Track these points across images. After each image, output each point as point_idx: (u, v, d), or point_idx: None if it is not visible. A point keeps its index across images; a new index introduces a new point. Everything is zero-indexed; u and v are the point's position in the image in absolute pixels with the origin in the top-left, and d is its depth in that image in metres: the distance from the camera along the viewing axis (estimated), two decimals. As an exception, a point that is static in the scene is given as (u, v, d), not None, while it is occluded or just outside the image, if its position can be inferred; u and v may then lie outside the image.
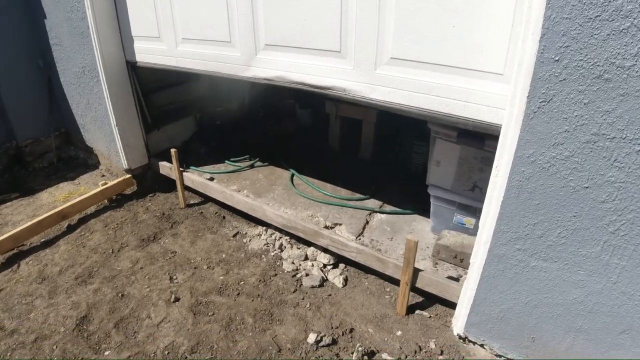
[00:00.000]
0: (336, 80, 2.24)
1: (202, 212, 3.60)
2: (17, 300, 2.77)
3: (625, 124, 1.43)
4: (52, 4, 3.60)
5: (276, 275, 2.94)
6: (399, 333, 2.56)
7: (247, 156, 3.88)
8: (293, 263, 3.03)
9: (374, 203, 3.26)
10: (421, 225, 3.06)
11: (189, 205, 3.69)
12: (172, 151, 3.36)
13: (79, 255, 3.14)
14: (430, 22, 1.81)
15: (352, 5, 2.02)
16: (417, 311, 2.65)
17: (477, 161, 2.51)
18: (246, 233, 3.36)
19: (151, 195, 3.83)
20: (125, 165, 3.71)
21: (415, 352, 2.38)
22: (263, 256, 3.11)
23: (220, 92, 4.48)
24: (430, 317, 2.64)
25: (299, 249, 3.13)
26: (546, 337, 1.99)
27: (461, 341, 2.41)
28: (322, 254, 3.00)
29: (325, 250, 2.98)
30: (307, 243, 3.11)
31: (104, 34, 3.27)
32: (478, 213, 2.66)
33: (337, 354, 2.39)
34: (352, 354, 2.36)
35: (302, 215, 3.14)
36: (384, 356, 2.36)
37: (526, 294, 1.98)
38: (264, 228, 3.32)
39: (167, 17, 2.95)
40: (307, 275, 2.93)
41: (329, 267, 2.98)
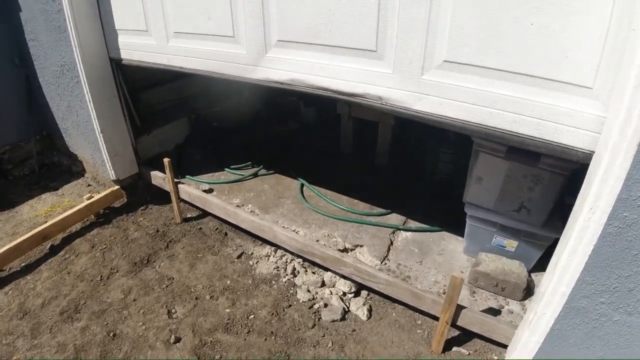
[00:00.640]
0: (370, 87, 1.84)
1: (201, 228, 3.20)
2: (-7, 341, 2.38)
3: None
4: (26, -7, 3.13)
5: (290, 306, 2.57)
6: (436, 376, 2.23)
7: (250, 163, 3.48)
8: (309, 291, 2.66)
9: (396, 219, 2.89)
10: (452, 245, 2.71)
11: (186, 220, 3.29)
12: (165, 161, 2.95)
13: (63, 284, 2.73)
14: (500, 17, 1.42)
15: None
16: (455, 348, 2.31)
17: (527, 179, 2.14)
18: (252, 253, 2.97)
19: (143, 208, 3.41)
20: (112, 175, 3.29)
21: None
22: (273, 282, 2.74)
23: (217, 89, 4.05)
24: (469, 354, 2.31)
25: (314, 273, 2.76)
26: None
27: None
28: (342, 279, 2.64)
29: (345, 276, 2.61)
30: (323, 266, 2.74)
31: (84, 27, 2.81)
32: (522, 235, 2.33)
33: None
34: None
35: (317, 235, 2.76)
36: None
37: (601, 348, 1.65)
38: (272, 248, 2.94)
39: (155, 7, 2.49)
40: (325, 305, 2.57)
41: (349, 296, 2.62)
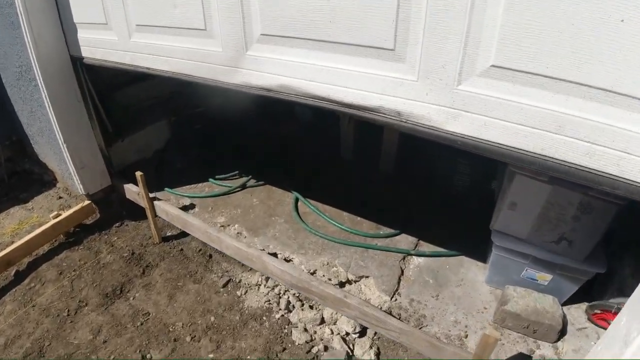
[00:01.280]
0: (385, 99, 1.42)
1: (182, 250, 2.81)
2: None
3: None
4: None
5: (284, 350, 2.20)
6: None
7: (237, 172, 3.08)
8: (306, 330, 2.28)
9: (407, 241, 2.50)
10: (472, 273, 2.33)
11: (166, 239, 2.89)
12: (138, 175, 2.54)
13: (27, 320, 2.34)
14: (577, 10, 1.00)
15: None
16: (479, 403, 1.95)
17: (572, 208, 1.75)
18: (240, 281, 2.59)
19: (118, 224, 3.01)
20: (81, 190, 2.88)
21: None
22: (265, 319, 2.36)
23: (199, 87, 3.61)
24: (496, 409, 1.95)
25: (312, 308, 2.38)
26: None
27: None
28: (344, 317, 2.26)
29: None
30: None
31: (39, 22, 2.36)
32: (558, 269, 1.95)
33: None
34: None
35: (314, 263, 2.38)
36: None
37: None
38: (263, 276, 2.55)
39: (114, -7, 2.06)
40: (326, 349, 2.20)
41: (354, 336, 2.25)
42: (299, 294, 2.43)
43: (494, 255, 2.08)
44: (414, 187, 2.94)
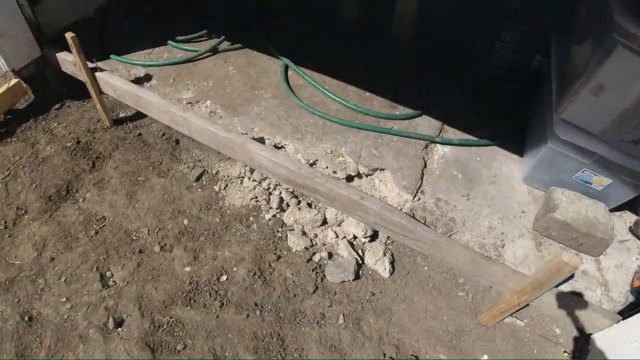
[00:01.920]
0: None
1: (140, 135, 2.20)
2: None
3: None
4: None
5: (280, 259, 1.80)
6: (484, 358, 1.62)
7: (205, 32, 2.30)
8: (304, 234, 1.86)
9: (429, 125, 1.97)
10: (506, 168, 1.88)
11: (119, 122, 2.25)
12: (68, 37, 1.78)
13: (-50, 238, 1.82)
14: None
15: None
16: (507, 319, 1.67)
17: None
18: (217, 173, 2.07)
19: (57, 107, 2.29)
20: (3, 66, 2.10)
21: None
22: (252, 220, 1.91)
23: None
24: (525, 324, 1.69)
25: (310, 206, 1.93)
26: None
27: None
28: (351, 217, 1.83)
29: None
30: (323, 196, 1.90)
31: None
32: (623, 173, 1.51)
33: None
34: None
35: (315, 151, 1.85)
36: None
37: None
38: (247, 166, 2.03)
39: None
40: (330, 256, 1.81)
41: (363, 240, 1.85)
42: (294, 189, 1.95)
43: (548, 149, 1.59)
44: (438, 58, 2.28)
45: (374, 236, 1.85)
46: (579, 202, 1.61)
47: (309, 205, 1.92)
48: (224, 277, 1.73)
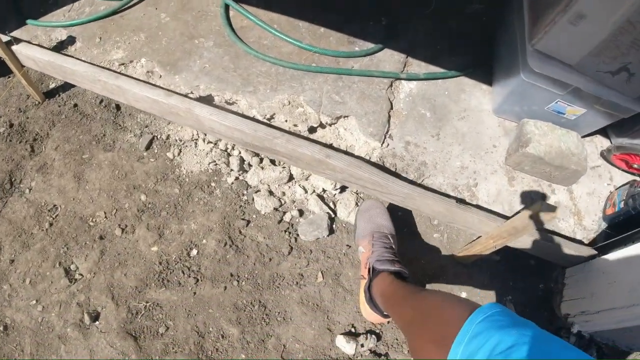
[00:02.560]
0: None
1: (76, 105, 1.96)
2: None
3: None
4: None
5: (249, 224, 1.72)
6: (463, 295, 1.66)
7: (125, -30, 1.97)
8: (271, 193, 1.77)
9: (392, 60, 1.80)
10: (475, 100, 1.76)
11: (50, 94, 1.98)
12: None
13: None
14: None
15: None
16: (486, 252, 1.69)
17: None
18: (169, 137, 1.90)
19: None
20: None
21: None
22: (214, 185, 1.79)
23: None
24: (500, 259, 1.72)
25: (274, 163, 1.81)
26: None
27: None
28: (319, 171, 1.74)
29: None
30: (286, 151, 1.78)
31: None
32: (598, 103, 1.44)
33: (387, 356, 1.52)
34: None
35: (270, 105, 1.69)
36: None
37: None
38: (201, 127, 1.86)
39: None
40: (301, 214, 1.75)
41: (333, 192, 1.78)
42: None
43: (520, 82, 1.47)
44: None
45: (344, 187, 1.78)
46: (552, 133, 1.55)
47: (272, 162, 1.81)
48: (195, 252, 1.66)
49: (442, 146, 1.65)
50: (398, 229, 1.68)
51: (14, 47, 1.70)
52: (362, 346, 1.51)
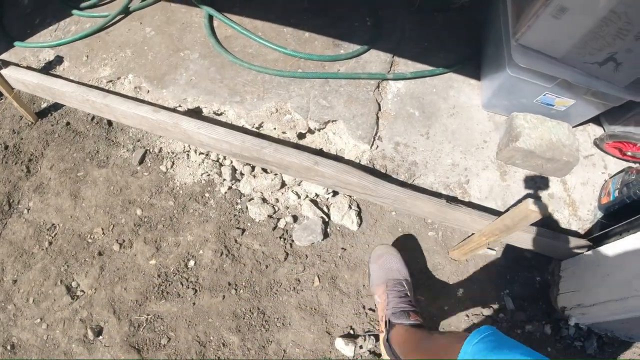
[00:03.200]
0: None
1: (68, 124, 1.98)
2: None
3: None
4: None
5: (244, 232, 1.74)
6: (460, 292, 1.66)
7: (109, -13, 1.98)
8: (265, 201, 1.78)
9: (378, 61, 1.80)
10: (464, 96, 1.76)
11: (42, 114, 2.00)
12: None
13: None
14: None
15: None
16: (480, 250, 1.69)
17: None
18: (161, 150, 1.91)
19: None
20: None
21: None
22: (208, 196, 1.81)
23: None
24: (497, 252, 1.71)
25: (266, 171, 1.82)
26: None
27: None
28: (311, 176, 1.74)
29: (316, 172, 1.71)
30: (278, 158, 1.78)
31: None
32: (587, 94, 1.43)
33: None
34: None
35: (258, 113, 1.70)
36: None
37: None
38: (192, 138, 1.87)
39: None
40: (295, 219, 1.76)
41: (326, 196, 1.79)
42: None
43: (507, 76, 1.47)
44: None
45: (335, 192, 1.78)
46: (542, 125, 1.54)
47: (264, 170, 1.82)
48: (192, 263, 1.69)
49: (432, 145, 1.65)
50: (392, 227, 1.68)
51: (2, 71, 1.73)
52: (360, 347, 1.53)
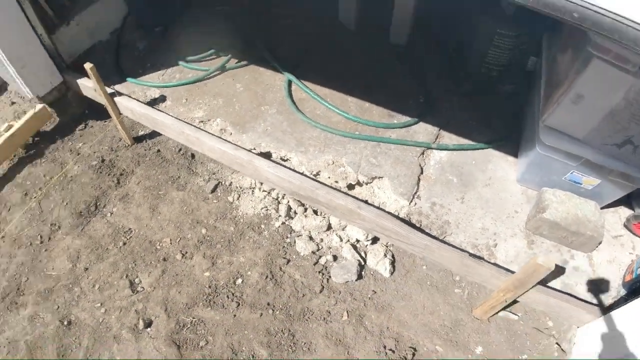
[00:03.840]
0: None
1: (159, 151, 2.39)
2: None
3: None
4: None
5: (289, 262, 1.97)
6: (479, 350, 1.75)
7: (213, 51, 2.47)
8: (311, 239, 2.03)
9: (426, 132, 2.09)
10: (501, 170, 1.98)
11: (139, 139, 2.45)
12: (87, 67, 1.98)
13: (-1, 254, 2.05)
14: None
15: None
16: (502, 312, 1.80)
17: (656, 102, 1.33)
18: (231, 184, 2.24)
19: (81, 127, 2.50)
20: (29, 93, 2.31)
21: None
22: (263, 228, 2.08)
23: None
24: (519, 318, 1.81)
25: (316, 213, 2.09)
26: None
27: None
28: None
29: (359, 219, 1.95)
30: (327, 203, 2.05)
31: None
32: (611, 174, 1.62)
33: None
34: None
35: (317, 163, 2.00)
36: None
37: None
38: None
39: None
40: (335, 259, 1.97)
41: (365, 243, 2.00)
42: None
43: (537, 154, 1.70)
44: (434, 64, 2.39)
45: (375, 239, 2.00)
46: (569, 201, 1.72)
47: (315, 212, 2.09)
48: (240, 281, 1.91)
49: (465, 208, 1.86)
50: (422, 280, 1.85)
51: (116, 98, 2.18)
52: (378, 384, 1.64)
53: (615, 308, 1.59)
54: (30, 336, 1.79)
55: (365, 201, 1.95)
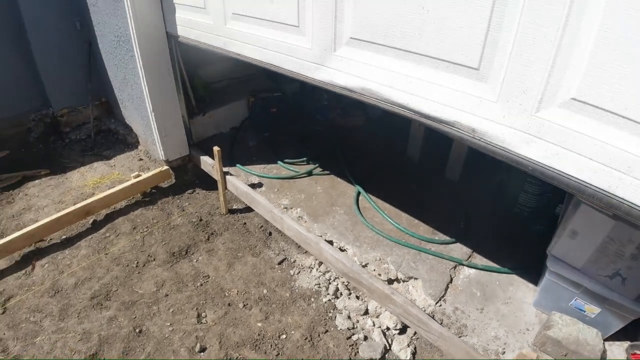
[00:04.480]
0: (462, 115, 1.47)
1: (245, 223, 3.02)
2: (25, 316, 2.36)
3: None
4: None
5: (327, 332, 2.34)
6: None
7: (305, 159, 3.22)
8: (349, 318, 2.41)
9: (460, 251, 2.53)
10: (521, 293, 2.32)
11: (232, 211, 3.11)
12: (215, 150, 2.76)
13: (98, 266, 2.66)
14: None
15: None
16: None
17: (632, 245, 1.71)
18: (295, 261, 2.75)
19: (190, 191, 3.28)
20: (162, 156, 3.16)
21: None
22: (313, 300, 2.51)
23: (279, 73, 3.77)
24: None
25: (358, 298, 2.50)
26: None
27: None
28: (387, 312, 2.36)
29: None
30: (369, 291, 2.46)
31: (140, -1, 2.60)
32: (608, 304, 1.92)
33: None
34: None
35: (367, 257, 2.48)
36: None
37: None
38: (317, 260, 2.70)
39: (214, -19, 2.24)
40: (365, 339, 2.31)
41: (394, 332, 2.34)
42: (348, 282, 2.55)
43: (546, 279, 2.07)
44: (477, 198, 2.92)
45: (402, 330, 2.33)
46: (574, 325, 2.00)
47: (357, 297, 2.49)
48: (284, 336, 2.30)
49: (483, 318, 2.18)
50: (436, 373, 2.11)
51: (227, 177, 2.89)
52: None
53: None
54: (105, 332, 2.26)
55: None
